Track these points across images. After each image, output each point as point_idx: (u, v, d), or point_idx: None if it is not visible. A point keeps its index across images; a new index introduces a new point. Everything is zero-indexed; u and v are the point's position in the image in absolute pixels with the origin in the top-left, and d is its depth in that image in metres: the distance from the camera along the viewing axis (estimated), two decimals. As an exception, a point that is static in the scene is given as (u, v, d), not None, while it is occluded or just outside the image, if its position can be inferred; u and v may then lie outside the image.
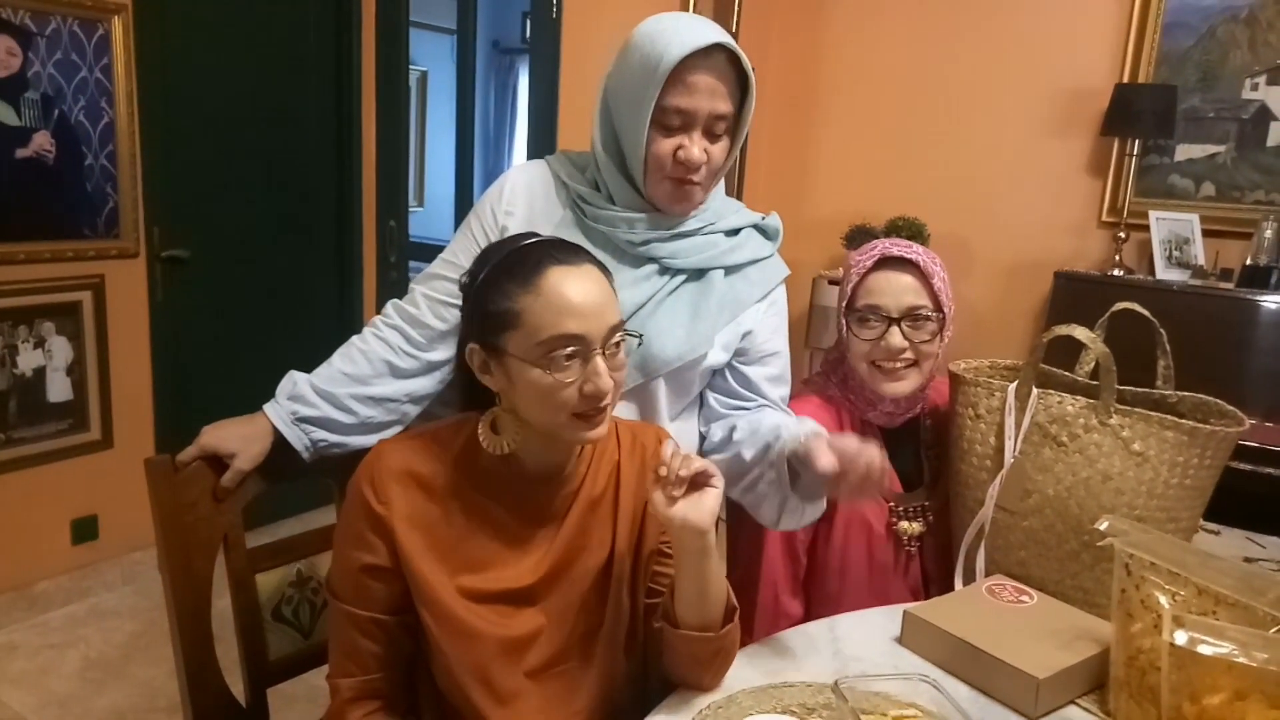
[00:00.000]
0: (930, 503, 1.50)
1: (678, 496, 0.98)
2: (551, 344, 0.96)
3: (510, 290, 0.98)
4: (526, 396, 1.00)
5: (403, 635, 1.08)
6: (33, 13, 2.36)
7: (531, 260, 1.00)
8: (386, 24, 3.29)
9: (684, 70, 1.20)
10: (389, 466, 1.05)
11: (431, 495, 1.05)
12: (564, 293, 0.97)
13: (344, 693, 1.07)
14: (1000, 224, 3.39)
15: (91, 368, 2.65)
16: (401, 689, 1.10)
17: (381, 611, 1.06)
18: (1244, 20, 2.89)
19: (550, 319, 0.97)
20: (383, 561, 1.04)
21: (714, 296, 1.32)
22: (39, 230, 2.47)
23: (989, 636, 1.16)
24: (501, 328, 0.99)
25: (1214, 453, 1.27)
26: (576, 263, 1.01)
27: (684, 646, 1.05)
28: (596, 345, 0.98)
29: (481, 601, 1.05)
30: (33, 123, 2.41)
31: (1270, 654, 0.86)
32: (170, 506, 1.23)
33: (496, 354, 1.01)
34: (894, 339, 1.39)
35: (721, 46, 1.21)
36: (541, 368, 0.97)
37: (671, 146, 1.24)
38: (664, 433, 1.19)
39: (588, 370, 0.98)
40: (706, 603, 1.03)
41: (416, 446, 1.08)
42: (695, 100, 1.22)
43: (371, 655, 1.07)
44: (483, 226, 1.37)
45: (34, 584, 2.63)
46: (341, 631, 1.08)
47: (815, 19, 3.76)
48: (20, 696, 2.29)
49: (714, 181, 1.33)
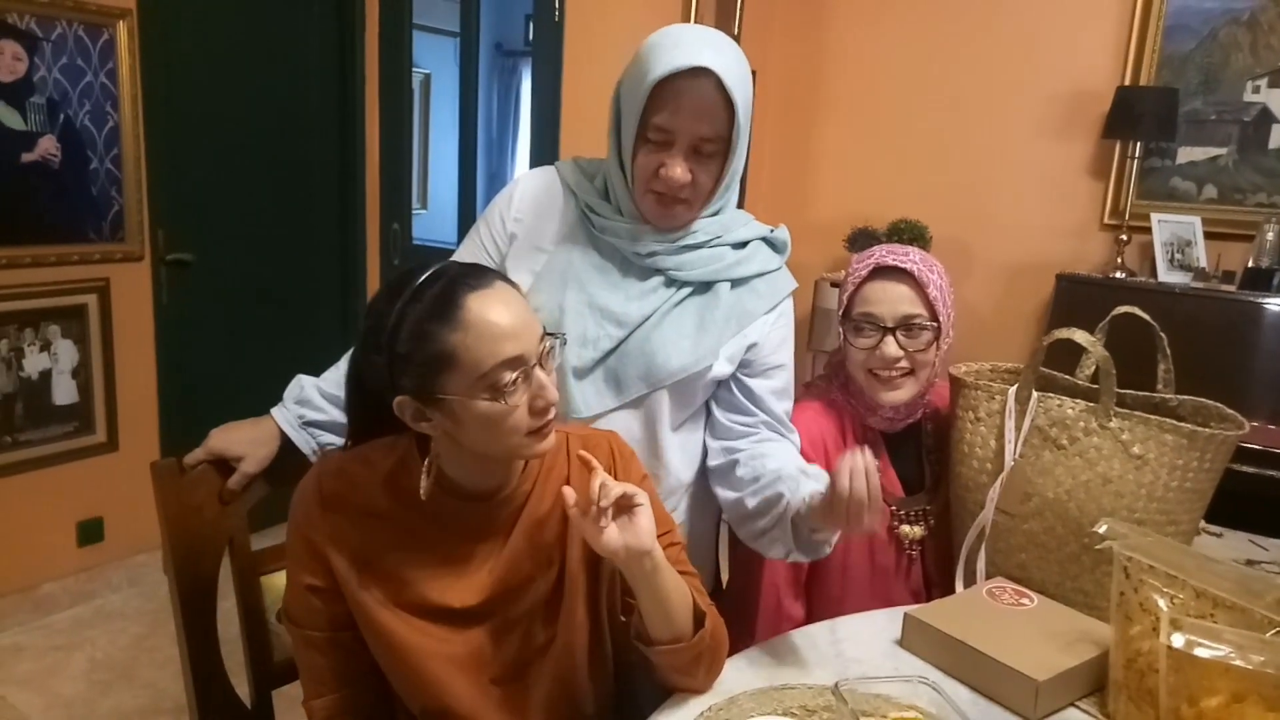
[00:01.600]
0: (932, 506, 1.50)
1: (604, 526, 0.97)
2: (495, 373, 0.94)
3: (435, 333, 0.93)
4: (474, 430, 0.97)
5: (357, 649, 1.08)
6: (38, 18, 2.38)
7: (445, 296, 0.95)
8: (389, 27, 3.31)
9: (671, 89, 1.18)
10: (321, 490, 1.05)
11: (363, 518, 1.05)
12: (491, 319, 0.94)
13: (318, 714, 1.08)
14: (1002, 226, 3.39)
15: (97, 371, 2.67)
16: (373, 701, 1.11)
17: (333, 629, 1.07)
18: (1245, 23, 2.90)
19: (487, 349, 0.93)
20: (322, 583, 1.05)
21: (720, 309, 1.31)
22: (45, 234, 2.49)
23: (989, 639, 1.16)
24: (436, 372, 0.94)
25: (1213, 456, 1.28)
26: (490, 283, 0.97)
27: (662, 660, 1.05)
28: (534, 360, 0.97)
29: (423, 620, 1.05)
30: (38, 127, 2.43)
31: (1267, 656, 0.86)
32: (176, 509, 1.25)
33: (435, 402, 0.96)
34: (889, 348, 1.40)
35: (710, 70, 1.17)
36: (489, 398, 0.94)
37: (655, 163, 1.23)
38: (616, 440, 1.17)
39: (533, 387, 0.97)
40: (671, 616, 1.03)
41: (348, 471, 1.06)
42: (678, 120, 1.20)
43: (334, 673, 1.08)
44: (491, 233, 1.37)
45: (40, 586, 2.65)
46: (303, 655, 1.09)
47: (817, 23, 3.77)
48: (27, 698, 2.30)
49: (710, 201, 1.30)
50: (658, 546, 1.00)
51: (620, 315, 1.28)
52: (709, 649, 1.08)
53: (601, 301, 1.28)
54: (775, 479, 1.24)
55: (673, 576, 1.04)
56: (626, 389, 1.28)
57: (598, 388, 1.28)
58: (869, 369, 1.42)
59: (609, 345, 1.27)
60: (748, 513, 1.27)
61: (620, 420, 1.30)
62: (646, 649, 1.05)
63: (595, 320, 1.27)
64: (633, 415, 1.31)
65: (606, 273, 1.30)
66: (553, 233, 1.33)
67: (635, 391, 1.28)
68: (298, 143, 3.21)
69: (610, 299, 1.28)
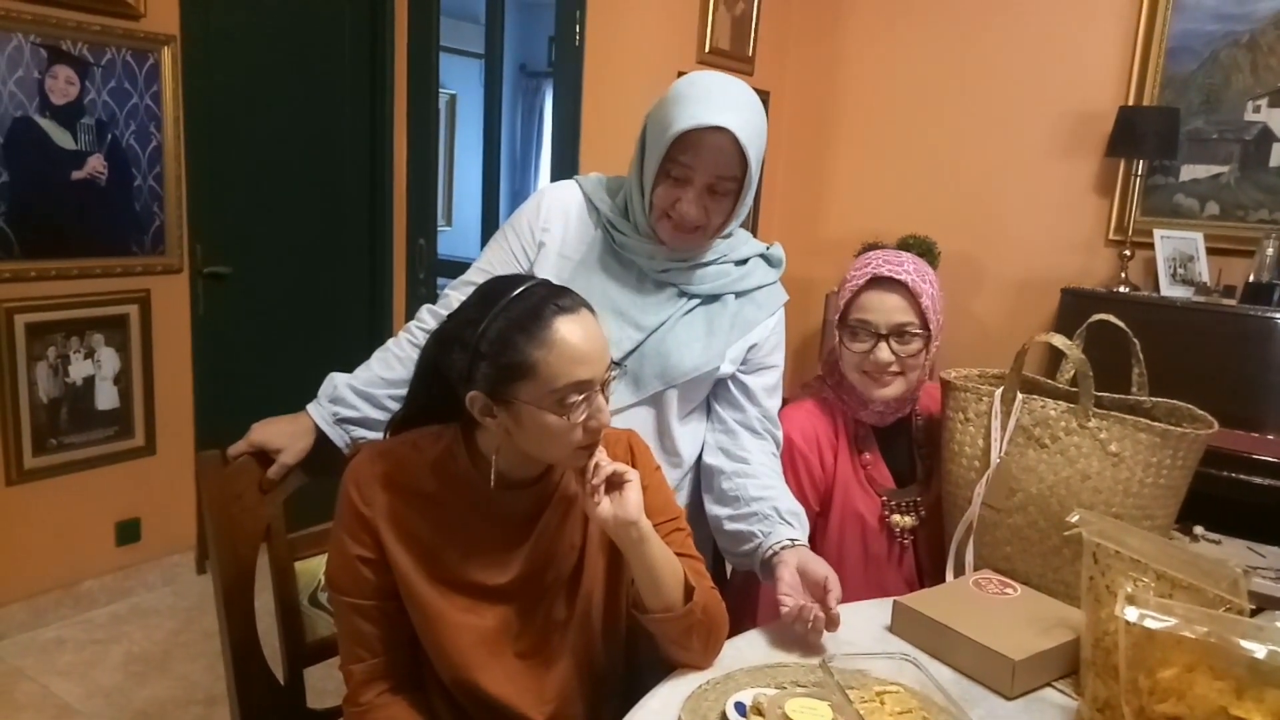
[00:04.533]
0: (923, 498, 1.59)
1: (598, 501, 1.08)
2: (565, 391, 1.03)
3: (520, 345, 1.03)
4: (532, 435, 1.07)
5: (400, 618, 1.16)
6: (90, 44, 2.52)
7: (536, 313, 1.04)
8: (418, 49, 3.43)
9: (692, 139, 1.29)
10: (373, 471, 1.14)
11: (410, 500, 1.13)
12: (573, 343, 1.03)
13: (356, 677, 1.16)
14: (1009, 242, 3.47)
15: (137, 377, 2.79)
16: (408, 669, 1.19)
17: (376, 598, 1.15)
18: (1245, 44, 2.97)
19: (564, 369, 1.03)
20: (372, 554, 1.13)
21: (726, 317, 1.45)
22: (91, 247, 2.62)
23: (971, 623, 1.24)
24: (513, 379, 1.04)
25: (1185, 454, 1.35)
26: (577, 309, 1.07)
27: (656, 629, 1.15)
28: (599, 384, 1.06)
29: (460, 594, 1.14)
30: (88, 147, 2.57)
31: (1210, 627, 0.94)
32: (219, 498, 1.34)
33: (505, 402, 1.05)
34: (882, 353, 1.49)
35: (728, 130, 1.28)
36: (555, 413, 1.04)
37: (672, 197, 1.34)
38: (635, 438, 1.27)
39: (592, 408, 1.06)
40: (661, 586, 1.12)
41: (398, 453, 1.15)
42: (698, 160, 1.31)
43: (375, 639, 1.16)
44: (520, 241, 1.48)
45: (80, 583, 2.76)
46: (345, 621, 1.17)
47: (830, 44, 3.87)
48: (68, 687, 2.41)
49: (715, 235, 1.42)
50: (645, 520, 1.10)
51: (638, 320, 1.40)
52: (700, 623, 1.15)
53: (622, 307, 1.41)
54: (752, 515, 1.38)
55: (663, 551, 1.13)
56: (644, 386, 1.41)
57: (618, 385, 1.39)
58: (862, 370, 1.52)
59: (629, 346, 1.40)
60: (724, 532, 1.42)
61: (636, 414, 1.42)
62: (641, 616, 1.15)
63: (617, 324, 1.39)
64: (646, 410, 1.43)
65: (625, 281, 1.43)
66: (577, 243, 1.45)
67: (652, 389, 1.41)
68: (329, 161, 3.35)
69: (629, 306, 1.41)
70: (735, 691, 1.12)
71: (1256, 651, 0.93)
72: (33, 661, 2.51)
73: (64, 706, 2.33)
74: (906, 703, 1.07)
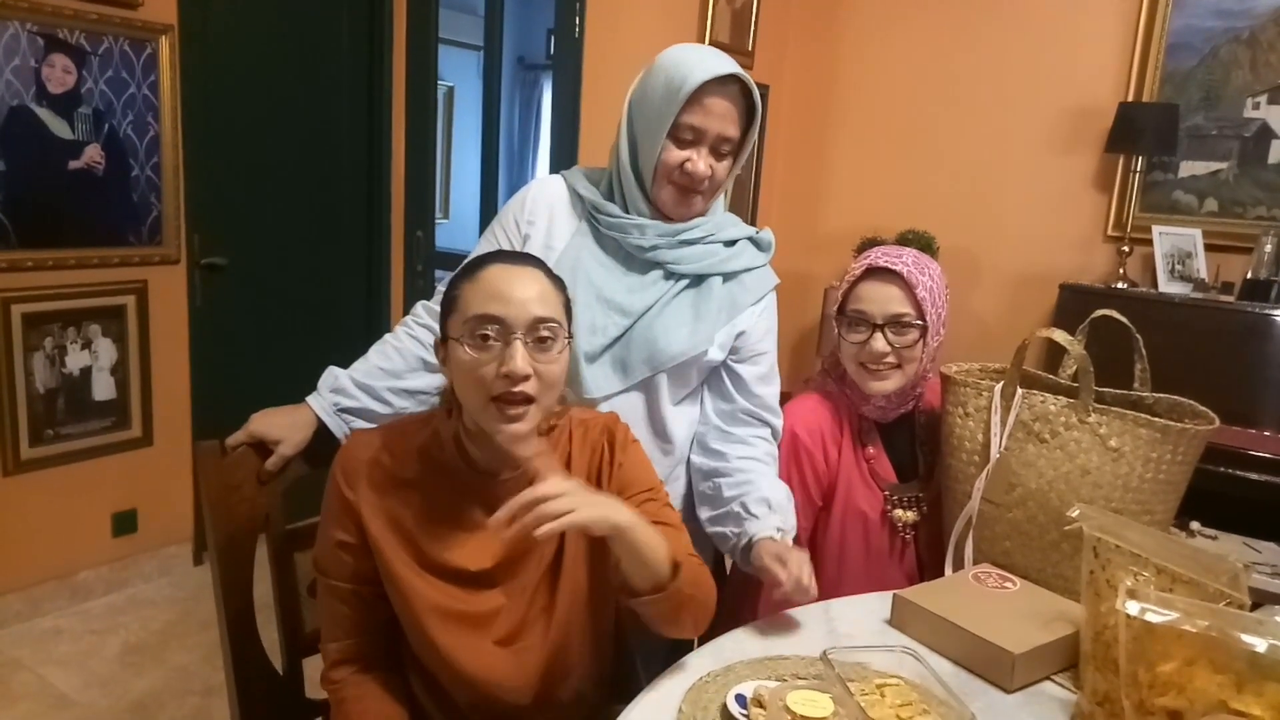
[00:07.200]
0: (924, 494, 1.59)
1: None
2: (475, 323, 1.07)
3: (457, 282, 1.12)
4: (457, 378, 1.10)
5: (376, 604, 1.19)
6: (87, 33, 2.51)
7: (479, 261, 1.12)
8: (416, 41, 3.42)
9: (702, 94, 1.35)
10: (358, 457, 1.16)
11: (396, 485, 1.16)
12: (493, 280, 1.09)
13: (331, 655, 1.20)
14: (1008, 237, 3.47)
15: (134, 368, 2.79)
16: (382, 650, 1.22)
17: (354, 582, 1.17)
18: (1245, 41, 2.98)
19: (479, 301, 1.08)
20: (353, 539, 1.16)
21: (713, 300, 1.44)
22: (88, 237, 2.62)
23: (971, 617, 1.24)
24: (446, 314, 1.12)
25: (1185, 449, 1.36)
26: (520, 263, 1.12)
27: (646, 610, 1.13)
28: (517, 331, 1.06)
29: (443, 580, 1.15)
30: (85, 136, 2.56)
31: (1210, 621, 0.95)
32: (218, 488, 1.34)
33: (443, 341, 1.12)
34: (877, 344, 1.49)
35: (737, 78, 1.36)
36: (466, 345, 1.07)
37: (681, 158, 1.38)
38: (611, 419, 1.27)
39: (505, 355, 1.06)
40: (649, 567, 1.09)
41: (385, 439, 1.18)
42: (708, 121, 1.36)
43: (350, 621, 1.19)
44: (506, 234, 1.49)
45: (77, 573, 2.76)
46: (326, 602, 1.20)
47: (829, 38, 3.87)
48: (65, 677, 2.41)
49: (714, 195, 1.46)
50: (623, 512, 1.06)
51: (625, 306, 1.40)
52: (690, 598, 1.13)
53: (608, 294, 1.41)
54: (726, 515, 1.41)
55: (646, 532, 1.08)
56: (632, 372, 1.41)
57: (606, 371, 1.41)
58: (859, 362, 1.52)
59: (615, 333, 1.40)
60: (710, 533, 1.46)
61: (626, 400, 1.42)
62: (633, 600, 1.12)
63: (603, 311, 1.40)
64: (637, 396, 1.44)
65: (611, 268, 1.43)
66: (562, 233, 1.46)
67: (640, 374, 1.41)
68: (327, 153, 3.34)
69: (615, 291, 1.41)
70: (736, 684, 1.12)
71: (1257, 645, 0.93)
72: (29, 652, 2.51)
73: (61, 697, 2.33)
74: (906, 695, 1.07)
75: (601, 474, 1.22)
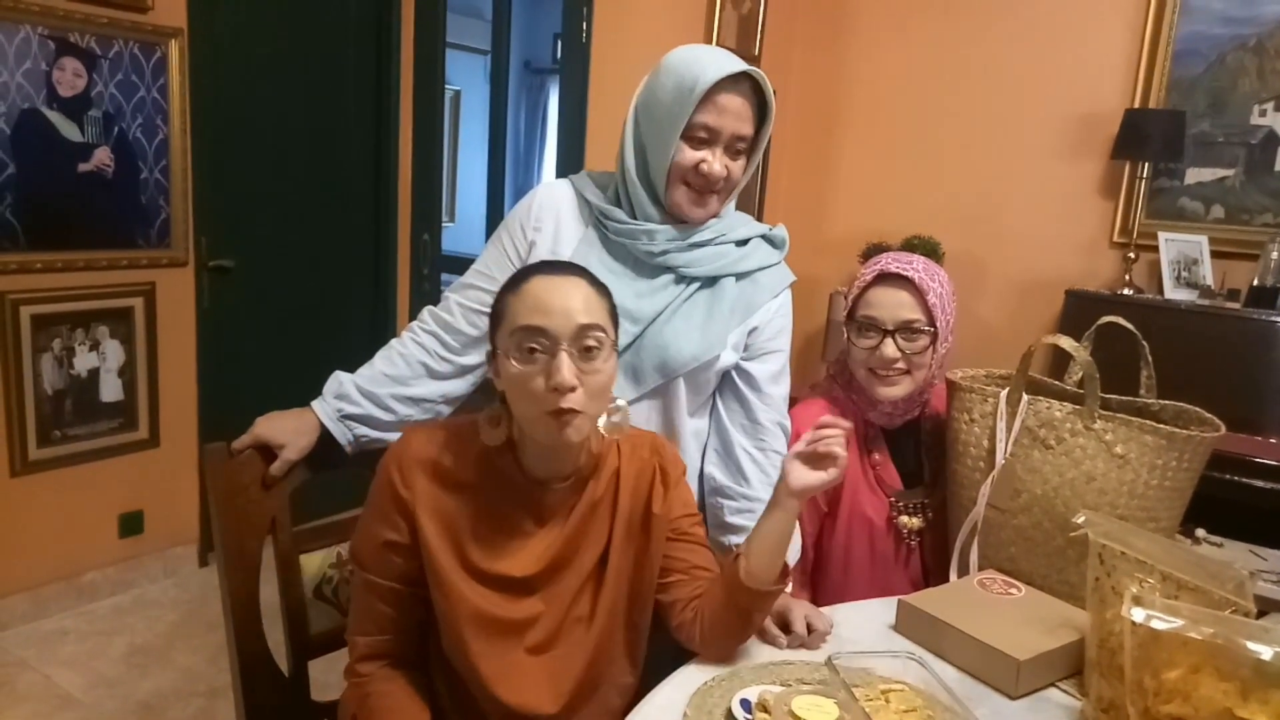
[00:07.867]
0: (930, 500, 1.59)
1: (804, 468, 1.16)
2: (520, 336, 1.07)
3: (503, 295, 1.12)
4: (509, 390, 1.11)
5: (415, 604, 1.18)
6: (98, 36, 2.53)
7: (523, 274, 1.13)
8: (424, 46, 3.44)
9: (715, 92, 1.33)
10: (415, 455, 1.16)
11: (450, 486, 1.15)
12: (537, 292, 1.09)
13: (360, 648, 1.19)
14: (1014, 243, 3.47)
15: (141, 370, 2.80)
16: (411, 650, 1.22)
17: (398, 582, 1.17)
18: (1252, 48, 2.97)
19: (523, 313, 1.08)
20: (403, 539, 1.15)
21: (726, 301, 1.43)
22: (97, 239, 2.63)
23: (976, 623, 1.24)
24: (494, 327, 1.13)
25: (1191, 456, 1.35)
26: (562, 273, 1.12)
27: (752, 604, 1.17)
28: (562, 342, 1.07)
29: (487, 586, 1.15)
30: (95, 139, 2.57)
31: (1216, 628, 0.95)
32: (225, 490, 1.34)
33: (493, 353, 1.13)
34: (888, 349, 1.50)
35: (748, 75, 1.35)
36: (513, 359, 1.08)
37: (696, 158, 1.37)
38: (659, 440, 1.29)
39: (551, 366, 1.06)
40: (779, 554, 1.18)
41: (440, 439, 1.17)
42: (723, 120, 1.35)
43: (386, 619, 1.18)
44: (513, 241, 1.48)
45: (83, 574, 2.77)
46: (361, 596, 1.19)
47: (836, 43, 3.87)
48: (71, 677, 2.42)
49: (729, 195, 1.45)
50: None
51: (634, 312, 1.38)
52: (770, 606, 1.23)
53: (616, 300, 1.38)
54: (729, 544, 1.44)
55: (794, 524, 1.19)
56: (644, 380, 1.40)
57: (618, 380, 1.38)
58: (869, 367, 1.52)
59: (626, 341, 1.38)
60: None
61: (640, 410, 1.41)
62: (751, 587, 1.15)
63: None
64: (651, 405, 1.43)
65: (619, 274, 1.41)
66: (568, 239, 1.45)
67: (652, 382, 1.40)
68: (334, 156, 3.35)
69: (624, 298, 1.38)
70: (741, 689, 1.12)
71: (1262, 653, 0.93)
72: (35, 652, 2.52)
73: (66, 697, 2.34)
74: (911, 701, 1.08)
75: (654, 491, 1.23)
